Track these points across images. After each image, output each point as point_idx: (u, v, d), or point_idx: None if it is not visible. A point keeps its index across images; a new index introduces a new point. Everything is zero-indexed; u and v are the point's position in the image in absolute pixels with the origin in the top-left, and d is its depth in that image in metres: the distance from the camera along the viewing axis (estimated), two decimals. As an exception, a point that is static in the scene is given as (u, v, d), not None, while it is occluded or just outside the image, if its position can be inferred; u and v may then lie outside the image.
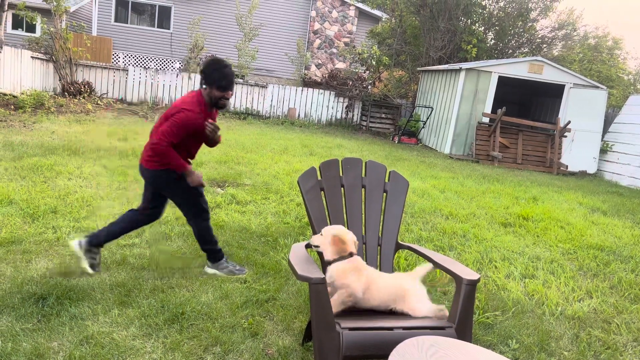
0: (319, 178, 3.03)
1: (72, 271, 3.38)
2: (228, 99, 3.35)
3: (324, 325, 2.32)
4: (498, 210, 6.70)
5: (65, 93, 13.48)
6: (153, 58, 19.78)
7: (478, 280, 2.49)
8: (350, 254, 2.68)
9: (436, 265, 2.75)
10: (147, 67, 18.96)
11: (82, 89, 13.72)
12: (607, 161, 12.71)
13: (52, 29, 13.13)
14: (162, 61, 19.83)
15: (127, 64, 19.34)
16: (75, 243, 3.38)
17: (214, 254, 3.64)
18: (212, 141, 3.53)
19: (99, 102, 13.49)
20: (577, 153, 12.72)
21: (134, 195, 5.30)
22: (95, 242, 3.39)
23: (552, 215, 6.70)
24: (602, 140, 12.92)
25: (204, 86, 3.30)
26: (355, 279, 2.61)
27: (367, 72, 17.92)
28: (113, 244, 3.98)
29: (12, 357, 2.37)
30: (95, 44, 17.08)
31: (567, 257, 5.12)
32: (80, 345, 2.56)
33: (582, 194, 9.00)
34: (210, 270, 3.66)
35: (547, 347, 3.18)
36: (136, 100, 14.89)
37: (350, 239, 2.71)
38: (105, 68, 14.78)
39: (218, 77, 3.24)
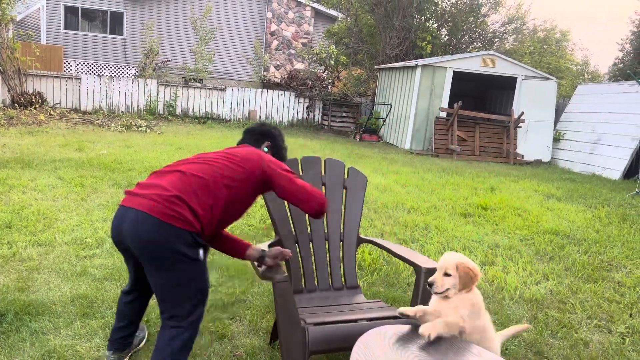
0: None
1: (29, 286, 3.30)
2: None
3: (289, 322, 2.35)
4: (458, 202, 6.88)
5: (15, 104, 13.00)
6: (107, 65, 19.30)
7: (435, 268, 2.57)
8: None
9: (396, 256, 2.82)
10: (101, 74, 18.52)
11: (33, 100, 13.26)
12: (560, 149, 13.21)
13: (-2, 39, 12.64)
14: (117, 68, 19.38)
15: (79, 72, 18.80)
16: None
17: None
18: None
19: (51, 112, 13.07)
20: (532, 143, 13.17)
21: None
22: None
23: (509, 203, 6.94)
24: (554, 130, 13.42)
25: (265, 149, 2.61)
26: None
27: (326, 71, 18.04)
28: (72, 255, 3.89)
29: (-31, 377, 2.30)
30: (45, 53, 16.54)
31: (525, 243, 5.31)
32: (42, 360, 2.50)
33: (537, 181, 9.34)
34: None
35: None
36: (91, 108, 14.50)
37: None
38: (57, 77, 14.34)
39: (284, 154, 2.72)
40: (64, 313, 2.98)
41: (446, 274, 2.07)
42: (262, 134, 2.65)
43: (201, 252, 2.18)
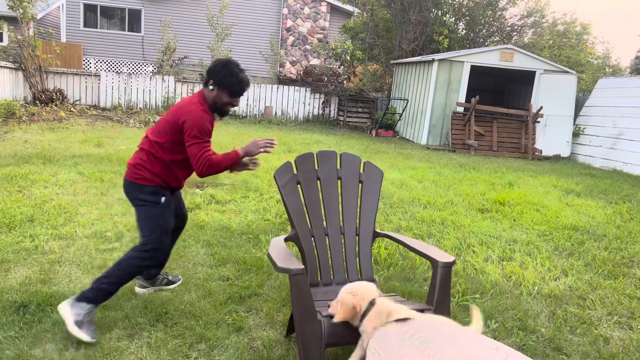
0: (295, 172, 3.07)
1: (51, 278, 3.37)
2: (234, 106, 3.00)
3: (306, 315, 2.37)
4: (475, 197, 6.83)
5: (37, 101, 13.24)
6: (125, 62, 19.52)
7: (453, 262, 2.57)
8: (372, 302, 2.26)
9: (413, 250, 2.81)
10: (119, 71, 18.74)
11: (54, 97, 13.50)
12: (580, 144, 13.00)
13: (19, 37, 12.87)
14: (135, 65, 19.59)
15: (98, 69, 19.06)
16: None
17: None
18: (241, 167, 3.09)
19: (72, 109, 13.28)
20: (551, 138, 12.98)
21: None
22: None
23: (527, 199, 6.86)
24: (574, 124, 13.20)
25: (210, 87, 2.87)
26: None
27: (342, 67, 17.99)
28: (92, 248, 3.96)
29: (-6, 366, 2.37)
30: (64, 51, 16.79)
31: (543, 238, 5.25)
32: (64, 349, 2.55)
33: (556, 177, 9.21)
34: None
35: (525, 326, 3.27)
36: (110, 105, 14.70)
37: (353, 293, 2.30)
38: (76, 74, 14.56)
39: (232, 81, 2.86)
40: (85, 305, 3.03)
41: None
42: (207, 72, 2.94)
43: (163, 198, 2.90)
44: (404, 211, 5.85)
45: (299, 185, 3.07)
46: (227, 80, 2.86)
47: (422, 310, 2.54)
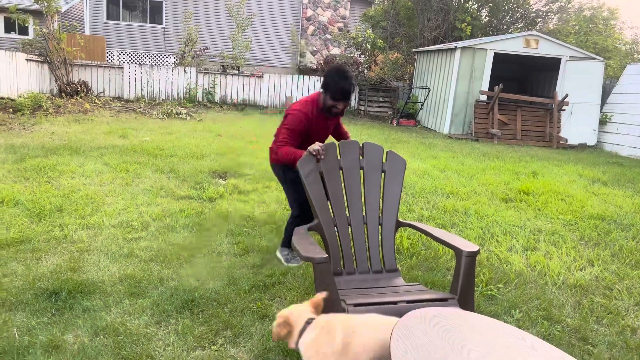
0: (318, 162, 3.08)
1: (81, 266, 3.46)
2: (340, 109, 3.34)
3: (330, 303, 2.38)
4: (498, 187, 6.75)
5: (62, 94, 13.50)
6: (147, 54, 19.72)
7: (477, 252, 2.55)
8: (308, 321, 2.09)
9: (436, 240, 2.81)
10: (142, 63, 18.95)
11: (79, 89, 13.73)
12: (607, 132, 12.71)
13: (44, 30, 13.10)
14: (157, 57, 19.78)
15: (122, 62, 19.30)
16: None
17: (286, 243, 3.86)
18: (339, 135, 3.80)
19: (96, 100, 13.51)
20: (576, 126, 12.72)
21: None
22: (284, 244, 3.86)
23: (552, 188, 6.75)
24: (600, 112, 12.91)
25: (321, 90, 3.34)
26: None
27: (363, 56, 17.87)
28: (119, 238, 4.05)
29: (29, 350, 2.45)
30: (88, 43, 17.04)
31: (568, 228, 5.17)
32: (95, 335, 2.63)
33: (582, 166, 9.04)
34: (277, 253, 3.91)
35: (550, 315, 3.25)
36: (133, 97, 14.90)
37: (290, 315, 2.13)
38: (100, 67, 14.78)
39: (333, 88, 3.23)
40: (114, 292, 3.11)
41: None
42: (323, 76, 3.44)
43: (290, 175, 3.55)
44: (426, 201, 5.83)
45: (321, 175, 3.08)
46: (329, 86, 3.25)
47: (445, 300, 2.54)
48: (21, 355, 2.41)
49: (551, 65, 13.79)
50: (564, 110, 12.64)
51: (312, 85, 16.07)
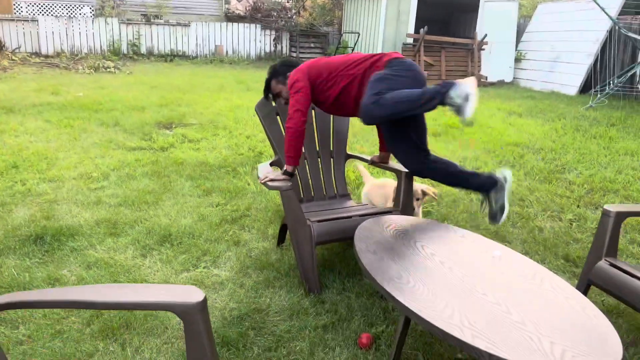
0: (274, 104, 3.43)
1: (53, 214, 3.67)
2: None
3: (298, 222, 2.82)
4: (428, 122, 7.36)
5: (-26, 51, 12.61)
6: (59, 4, 18.44)
7: (414, 172, 3.07)
8: None
9: (379, 166, 3.31)
10: (58, 15, 17.75)
11: (-8, 45, 12.87)
12: (522, 69, 13.75)
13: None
14: (70, 7, 18.54)
15: (33, 14, 17.96)
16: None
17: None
18: None
19: (13, 57, 12.75)
20: (495, 64, 13.64)
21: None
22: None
23: (476, 121, 7.47)
24: (516, 50, 13.88)
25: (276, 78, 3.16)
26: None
27: (291, 1, 17.78)
28: (83, 188, 4.24)
29: (33, 283, 2.72)
30: (-6, -6, 15.71)
31: (490, 154, 5.89)
32: (88, 269, 2.93)
33: (500, 100, 9.90)
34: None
35: (476, 224, 3.89)
36: (52, 52, 14.13)
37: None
38: (12, 20, 13.81)
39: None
40: (94, 234, 3.38)
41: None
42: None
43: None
44: (365, 139, 6.34)
45: (278, 117, 3.44)
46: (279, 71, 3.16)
47: (390, 212, 3.05)
48: (27, 287, 2.68)
49: (471, 7, 14.50)
50: (483, 49, 13.48)
51: (242, 33, 15.91)
